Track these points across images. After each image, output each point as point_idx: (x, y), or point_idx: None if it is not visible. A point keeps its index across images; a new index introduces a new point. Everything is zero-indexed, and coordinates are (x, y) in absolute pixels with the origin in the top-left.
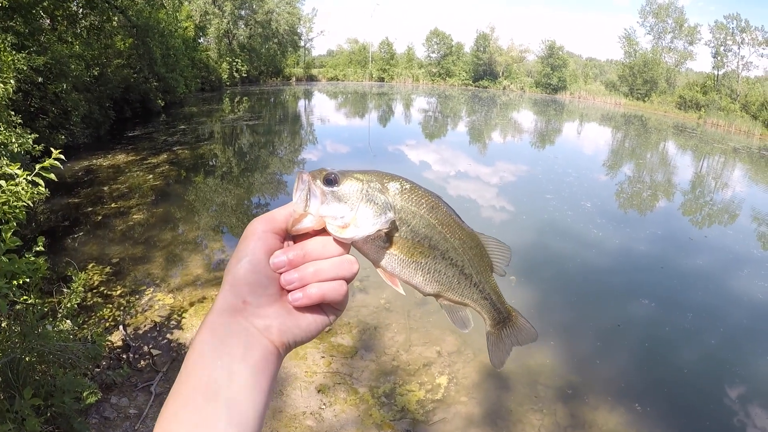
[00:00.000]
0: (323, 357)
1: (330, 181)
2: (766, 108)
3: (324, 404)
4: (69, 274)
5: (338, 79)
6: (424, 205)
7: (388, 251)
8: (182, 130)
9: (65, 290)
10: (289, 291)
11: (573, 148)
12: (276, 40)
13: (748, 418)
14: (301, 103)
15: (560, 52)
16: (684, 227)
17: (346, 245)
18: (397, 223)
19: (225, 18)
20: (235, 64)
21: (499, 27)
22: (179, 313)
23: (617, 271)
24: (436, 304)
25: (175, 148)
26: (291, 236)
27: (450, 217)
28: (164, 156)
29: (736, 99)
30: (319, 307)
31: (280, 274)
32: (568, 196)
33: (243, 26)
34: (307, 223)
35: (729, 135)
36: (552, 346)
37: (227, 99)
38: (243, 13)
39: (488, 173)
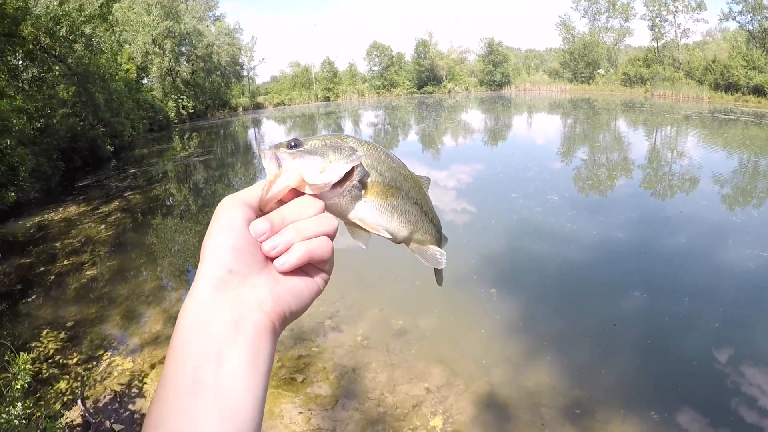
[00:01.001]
0: (301, 413)
1: (294, 145)
2: (710, 71)
3: None
4: (7, 358)
5: (284, 104)
6: (381, 152)
7: (364, 199)
8: (133, 173)
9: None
10: (273, 258)
11: (527, 141)
12: (219, 73)
13: None
14: (251, 132)
15: (500, 48)
16: (657, 206)
17: (320, 204)
18: (367, 168)
19: (166, 56)
20: (180, 101)
21: (437, 32)
22: (140, 378)
23: (600, 264)
24: (416, 332)
25: (126, 194)
26: (263, 210)
27: (399, 160)
28: (116, 203)
29: (679, 67)
30: (306, 271)
31: (262, 242)
32: (532, 192)
33: (185, 63)
34: (285, 181)
35: (678, 103)
36: (548, 362)
37: (177, 137)
38: (184, 49)
39: (445, 177)
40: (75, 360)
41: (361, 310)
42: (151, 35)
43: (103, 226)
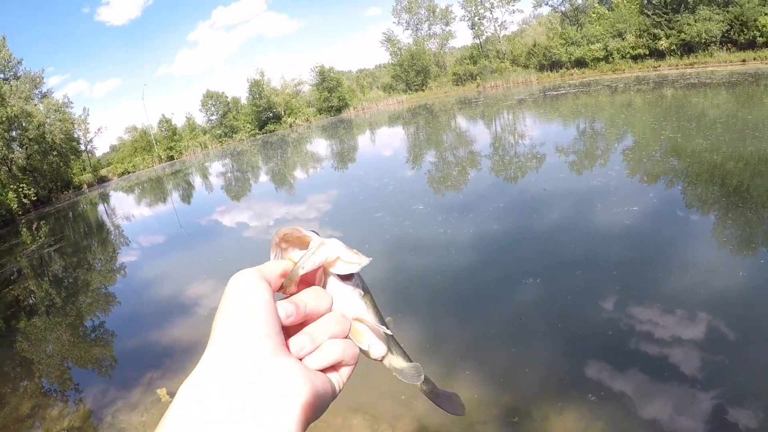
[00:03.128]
0: None
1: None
2: (533, 55)
3: None
4: None
5: (129, 172)
6: None
7: (362, 297)
8: None
9: None
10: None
11: (376, 158)
12: (55, 153)
13: (704, 337)
14: (101, 208)
15: (332, 74)
16: (518, 189)
17: (331, 297)
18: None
19: None
20: (21, 189)
21: (268, 69)
22: None
23: (486, 262)
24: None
25: None
26: (286, 286)
27: None
28: None
29: (504, 57)
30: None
31: (287, 325)
32: (396, 206)
33: (18, 148)
34: (325, 253)
35: (510, 90)
36: (469, 377)
37: (24, 229)
38: (14, 134)
39: (305, 210)
40: None
41: None
42: None
43: None
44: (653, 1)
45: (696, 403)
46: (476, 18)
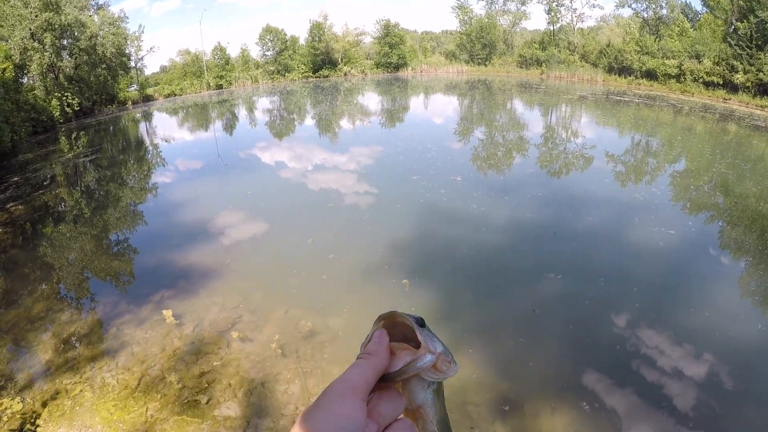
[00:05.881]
0: None
1: (422, 324)
2: (605, 55)
3: None
4: None
5: (175, 95)
6: None
7: (435, 395)
8: (16, 182)
9: None
10: None
11: (425, 122)
12: (104, 66)
13: (704, 378)
14: (142, 126)
15: (396, 30)
16: (561, 184)
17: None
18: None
19: (47, 51)
20: (65, 98)
21: (332, 14)
22: (32, 420)
23: (513, 247)
24: (327, 333)
25: (8, 206)
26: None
27: None
28: None
29: (574, 50)
30: None
31: None
32: (435, 173)
33: (67, 57)
34: (427, 362)
35: (573, 85)
36: (472, 355)
37: (63, 137)
38: (65, 42)
39: (346, 160)
40: None
41: (265, 313)
42: (29, 29)
43: None
44: (739, 32)
45: None
46: (554, 3)
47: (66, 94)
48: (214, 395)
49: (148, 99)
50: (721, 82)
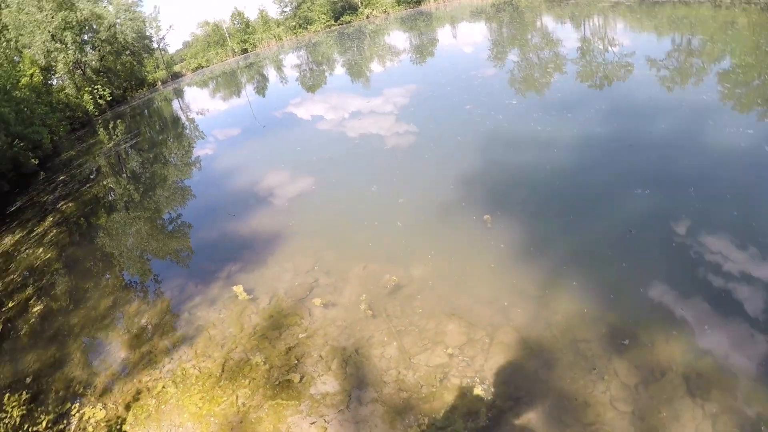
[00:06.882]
0: (313, 423)
1: None
2: None
3: None
4: None
5: (203, 67)
6: None
7: None
8: (63, 180)
9: None
10: None
11: (458, 53)
12: (128, 52)
13: None
14: (175, 103)
15: None
16: (623, 94)
17: None
18: None
19: (69, 49)
20: (96, 91)
21: None
22: (117, 427)
23: (590, 165)
24: (414, 285)
25: (59, 205)
26: None
27: None
28: (50, 219)
29: None
30: None
31: None
32: (487, 100)
33: (91, 50)
34: None
35: None
36: (573, 287)
37: (101, 128)
38: (86, 37)
39: (382, 103)
40: (45, 424)
41: (342, 272)
42: (48, 31)
43: (41, 249)
44: None
45: None
46: None
47: (96, 86)
48: (307, 371)
49: (176, 76)
50: None
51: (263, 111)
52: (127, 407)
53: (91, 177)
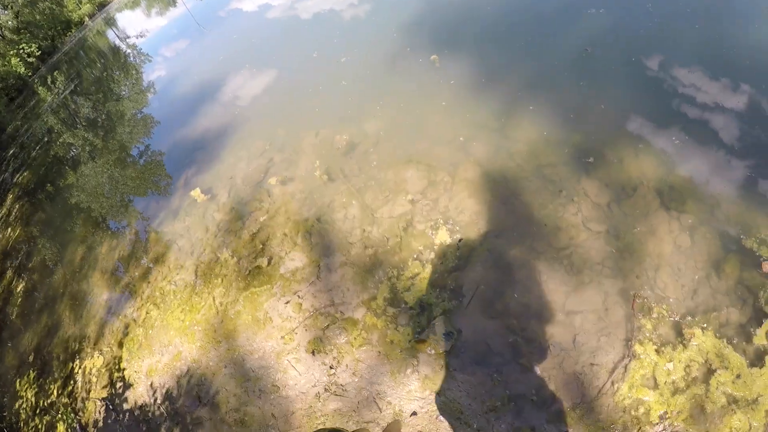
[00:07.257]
0: (287, 302)
1: None
2: None
3: (330, 366)
4: None
5: None
6: None
7: None
8: (14, 153)
9: None
10: None
11: None
12: None
13: None
14: (110, 33)
15: None
16: None
17: None
18: None
19: None
20: (22, 51)
21: None
22: (116, 367)
23: None
24: (368, 140)
25: (15, 179)
26: None
27: None
28: (10, 197)
29: None
30: None
31: None
32: None
33: (2, 11)
34: None
35: None
36: (532, 112)
37: (40, 87)
38: None
39: None
40: (56, 392)
41: (295, 145)
42: None
43: (9, 230)
44: None
45: None
46: None
47: (21, 46)
48: (274, 253)
49: (103, 6)
50: None
51: (206, 14)
52: (120, 345)
53: (45, 140)
